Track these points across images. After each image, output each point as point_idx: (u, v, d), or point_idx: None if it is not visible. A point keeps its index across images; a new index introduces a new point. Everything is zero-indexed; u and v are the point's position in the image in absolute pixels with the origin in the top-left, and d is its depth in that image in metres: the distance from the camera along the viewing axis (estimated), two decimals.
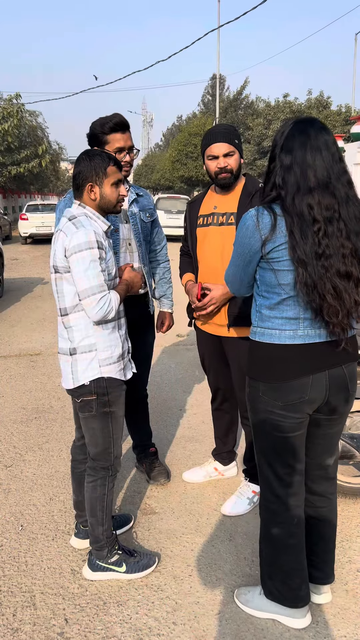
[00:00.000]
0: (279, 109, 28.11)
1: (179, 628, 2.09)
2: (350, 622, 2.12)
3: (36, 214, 19.37)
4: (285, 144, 1.82)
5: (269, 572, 2.09)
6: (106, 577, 2.34)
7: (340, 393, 1.95)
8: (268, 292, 1.90)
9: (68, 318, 2.17)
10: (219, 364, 2.94)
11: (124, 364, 2.29)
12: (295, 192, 1.78)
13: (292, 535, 2.04)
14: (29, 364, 5.51)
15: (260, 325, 1.95)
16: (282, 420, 1.94)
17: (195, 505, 2.93)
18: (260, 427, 2.01)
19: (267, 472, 2.04)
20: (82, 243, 2.04)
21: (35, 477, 3.23)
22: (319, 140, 1.79)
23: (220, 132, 2.59)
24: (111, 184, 2.18)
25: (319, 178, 1.77)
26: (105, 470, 2.31)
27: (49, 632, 2.08)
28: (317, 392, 1.91)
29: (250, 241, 1.85)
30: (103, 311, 2.06)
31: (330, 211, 1.77)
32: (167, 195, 20.66)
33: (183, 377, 5.07)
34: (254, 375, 1.99)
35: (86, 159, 2.15)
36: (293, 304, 1.86)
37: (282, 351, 1.89)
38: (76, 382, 2.20)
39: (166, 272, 3.15)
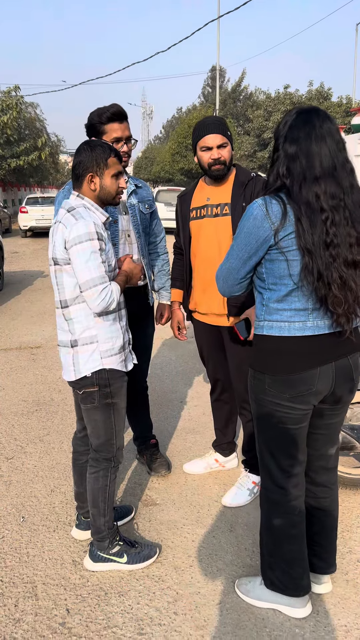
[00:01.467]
0: (279, 101, 27.98)
1: (179, 618, 2.11)
2: (351, 611, 2.13)
3: (36, 206, 19.33)
4: (289, 133, 1.81)
5: (270, 563, 2.10)
6: (107, 567, 2.35)
7: (345, 383, 1.96)
8: (276, 285, 1.87)
9: (69, 310, 2.16)
10: (218, 354, 2.94)
11: (125, 356, 2.29)
12: (301, 180, 1.77)
13: (294, 525, 2.04)
14: (30, 356, 5.51)
15: (267, 319, 1.92)
16: (289, 412, 1.93)
17: (195, 496, 2.94)
18: (265, 420, 2.00)
19: (269, 463, 2.04)
20: (82, 234, 2.03)
21: (37, 469, 3.24)
22: (324, 128, 1.79)
23: (212, 124, 2.58)
24: (111, 175, 2.17)
25: (324, 167, 1.76)
26: (107, 461, 2.31)
27: (50, 622, 2.09)
28: (324, 384, 1.91)
29: (259, 231, 1.81)
30: (105, 302, 2.06)
31: (336, 200, 1.77)
32: (167, 188, 20.58)
33: (184, 369, 5.07)
34: (260, 368, 1.96)
35: (87, 149, 2.13)
36: (301, 295, 1.85)
37: (291, 344, 1.88)
38: (78, 374, 2.20)
39: (165, 265, 3.14)
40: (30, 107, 26.79)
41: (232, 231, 2.61)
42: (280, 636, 2.01)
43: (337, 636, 2.01)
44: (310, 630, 2.04)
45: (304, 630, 2.04)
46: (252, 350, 2.02)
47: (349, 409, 2.80)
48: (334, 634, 2.02)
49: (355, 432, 2.65)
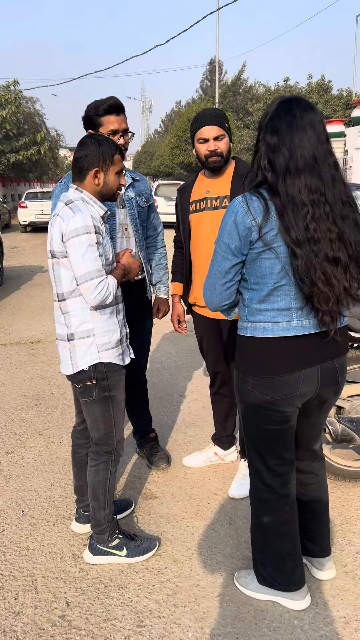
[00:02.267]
0: (279, 94, 27.83)
1: (179, 610, 2.11)
2: (350, 603, 2.13)
3: (35, 202, 19.29)
4: (270, 123, 1.76)
5: (261, 559, 2.10)
6: (107, 561, 2.36)
7: (330, 386, 1.94)
8: (257, 284, 1.83)
9: (65, 303, 2.16)
10: (217, 347, 2.93)
11: (123, 349, 2.29)
12: (284, 174, 1.72)
13: (285, 522, 2.04)
14: (29, 351, 5.51)
15: (250, 320, 1.88)
16: (272, 414, 1.91)
17: (195, 489, 2.94)
18: (250, 420, 1.99)
19: (257, 462, 2.03)
20: (79, 227, 2.02)
21: (36, 463, 3.24)
22: (305, 119, 1.73)
23: (210, 115, 2.57)
24: (115, 172, 2.18)
25: (306, 159, 1.71)
26: (108, 454, 2.32)
27: (50, 615, 2.09)
28: (308, 387, 1.88)
29: (241, 226, 1.77)
30: (101, 296, 2.05)
31: (316, 194, 1.72)
32: (166, 182, 20.52)
33: (183, 363, 5.07)
34: (244, 369, 1.93)
35: (95, 143, 2.12)
36: (283, 294, 1.81)
37: (275, 345, 1.84)
38: (75, 368, 2.19)
39: (162, 258, 3.13)
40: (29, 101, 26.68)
41: None
42: (279, 628, 2.02)
43: (336, 627, 2.02)
44: (309, 621, 2.04)
45: (303, 622, 2.04)
46: (236, 351, 1.99)
47: (347, 402, 2.80)
48: (333, 625, 2.03)
49: (354, 425, 2.64)
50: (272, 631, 2.00)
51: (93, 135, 2.18)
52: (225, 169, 2.69)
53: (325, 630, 2.01)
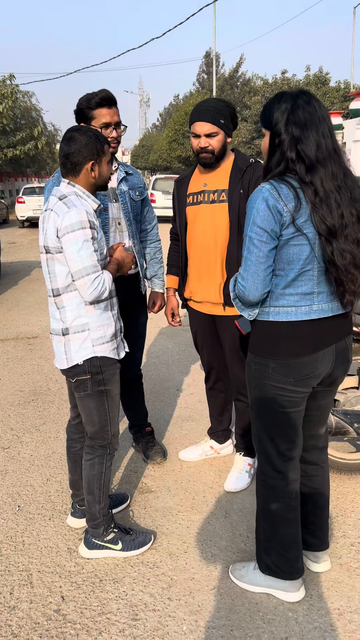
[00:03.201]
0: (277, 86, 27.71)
1: (174, 603, 2.12)
2: (344, 594, 2.14)
3: (33, 197, 19.25)
4: (292, 117, 1.80)
5: (266, 547, 2.11)
6: (102, 555, 2.36)
7: (342, 364, 2.00)
8: (283, 270, 1.86)
9: (60, 298, 2.16)
10: (212, 342, 2.93)
11: (117, 343, 2.29)
12: (314, 163, 1.78)
13: (291, 509, 2.06)
14: (27, 347, 5.51)
15: (274, 305, 1.91)
16: (291, 396, 1.95)
17: (191, 483, 2.94)
18: (266, 405, 2.00)
19: (268, 448, 2.04)
20: (74, 223, 2.01)
21: (33, 458, 3.25)
22: (322, 111, 1.82)
23: (206, 110, 2.52)
24: (107, 162, 2.19)
25: (329, 148, 1.79)
26: (103, 448, 2.32)
27: (45, 610, 2.10)
28: (325, 366, 1.94)
29: (273, 212, 1.79)
30: (97, 291, 2.05)
31: (338, 180, 1.80)
32: (164, 176, 20.44)
33: (180, 357, 5.07)
34: (265, 353, 1.95)
35: (84, 136, 2.11)
36: (307, 278, 1.86)
37: (298, 328, 1.89)
38: (70, 362, 2.19)
39: (157, 252, 3.11)
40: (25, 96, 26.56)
41: (229, 218, 2.58)
42: (274, 620, 2.02)
43: (330, 619, 2.02)
44: (303, 613, 2.05)
45: (297, 614, 2.05)
46: (255, 336, 2.00)
47: (342, 395, 2.80)
48: (327, 617, 2.03)
49: (348, 418, 2.65)
50: (267, 623, 2.01)
51: (78, 128, 2.16)
52: (224, 162, 2.66)
53: (320, 622, 2.01)
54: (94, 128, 2.17)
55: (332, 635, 1.95)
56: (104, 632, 1.99)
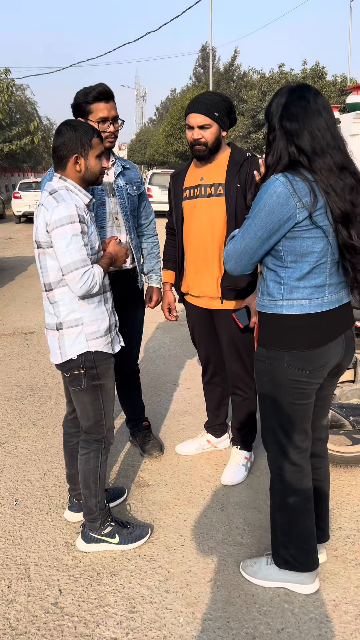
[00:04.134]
0: (273, 80, 27.61)
1: (171, 596, 2.13)
2: (339, 586, 2.16)
3: (29, 192, 19.20)
4: (285, 111, 1.82)
5: (284, 542, 2.10)
6: (99, 548, 2.37)
7: (349, 353, 2.03)
8: (296, 262, 1.86)
9: (53, 293, 2.16)
10: (210, 336, 2.93)
11: (112, 338, 2.29)
12: (313, 154, 1.79)
13: (308, 499, 2.07)
14: (23, 342, 5.51)
15: (287, 298, 1.91)
16: (305, 387, 1.96)
17: (188, 477, 2.96)
18: (281, 398, 1.99)
19: (284, 441, 2.03)
20: (63, 217, 2.01)
21: (30, 453, 3.25)
22: (318, 103, 1.81)
23: (200, 102, 2.52)
24: (96, 155, 2.15)
25: (328, 139, 1.80)
26: (98, 442, 2.33)
27: (43, 603, 2.11)
28: (337, 356, 1.97)
29: (283, 209, 1.78)
30: (87, 286, 2.05)
31: (344, 170, 1.81)
32: (161, 171, 20.41)
33: (177, 352, 5.07)
34: (279, 346, 1.94)
35: (70, 129, 2.10)
36: (321, 271, 1.87)
37: (312, 320, 1.90)
38: (64, 357, 2.20)
39: (154, 247, 3.11)
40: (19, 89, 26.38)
41: (226, 212, 2.59)
42: (270, 611, 2.04)
43: (326, 610, 2.04)
44: (299, 605, 2.07)
45: (293, 605, 2.07)
46: (266, 330, 1.98)
47: (338, 388, 2.81)
48: (323, 608, 2.05)
49: (344, 411, 2.66)
50: (263, 615, 2.03)
51: (69, 121, 2.15)
52: (220, 156, 2.65)
53: (315, 613, 2.03)
54: (85, 121, 2.16)
55: (328, 626, 1.97)
56: (102, 624, 2.01)
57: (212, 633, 1.96)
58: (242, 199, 2.56)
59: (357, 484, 2.84)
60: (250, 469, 2.98)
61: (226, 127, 2.60)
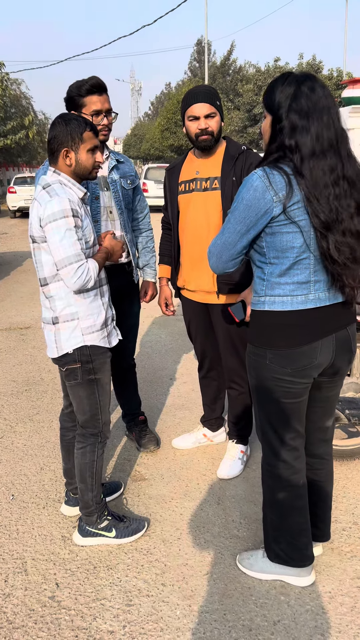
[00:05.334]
0: (269, 74, 27.55)
1: (167, 589, 2.14)
2: (335, 578, 2.17)
3: (24, 186, 19.09)
4: (295, 105, 1.74)
5: (275, 536, 2.10)
6: (96, 542, 2.38)
7: (344, 354, 1.96)
8: (277, 258, 1.83)
9: (48, 288, 2.15)
10: (206, 331, 2.93)
11: (108, 332, 2.29)
12: (310, 156, 1.72)
13: (299, 497, 2.06)
14: (19, 337, 5.49)
15: (269, 294, 1.88)
16: (290, 387, 1.92)
17: (184, 470, 2.96)
18: (266, 395, 1.98)
19: (272, 438, 2.03)
20: (56, 212, 2.00)
21: (26, 447, 3.25)
22: (328, 98, 1.74)
23: (201, 92, 2.51)
24: (87, 149, 2.13)
25: (330, 140, 1.73)
26: (94, 437, 2.33)
27: (40, 597, 2.12)
28: (325, 356, 1.91)
29: (260, 203, 1.74)
30: (81, 280, 2.04)
31: (335, 172, 1.74)
32: (156, 165, 20.34)
33: (173, 347, 5.07)
34: (261, 343, 1.93)
35: (62, 123, 2.09)
36: (303, 267, 1.82)
37: (294, 318, 1.85)
38: (60, 351, 2.20)
39: (149, 241, 3.10)
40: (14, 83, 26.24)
41: (222, 206, 2.58)
42: (266, 604, 2.05)
43: (322, 602, 2.05)
44: (295, 597, 2.08)
45: (289, 597, 2.08)
46: (252, 326, 1.98)
47: None
48: (319, 600, 2.06)
49: (340, 404, 2.67)
50: (259, 607, 2.04)
51: (63, 115, 2.14)
52: (216, 149, 2.64)
53: (311, 605, 2.04)
54: (80, 116, 2.14)
55: (324, 617, 1.98)
56: (98, 617, 2.01)
57: (209, 625, 1.97)
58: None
59: (352, 477, 2.85)
60: (247, 462, 2.99)
61: (223, 118, 2.60)
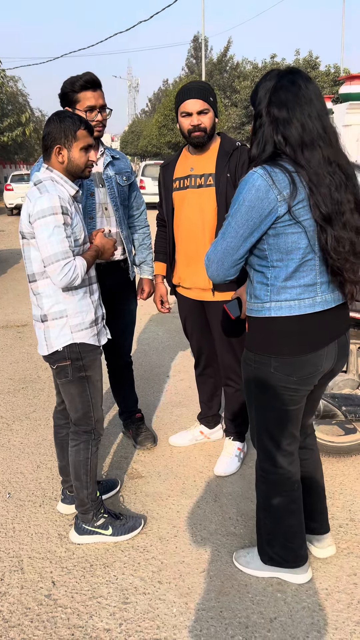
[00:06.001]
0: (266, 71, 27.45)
1: (164, 586, 2.13)
2: (332, 575, 2.17)
3: (21, 184, 19.06)
4: (274, 97, 1.70)
5: (269, 540, 2.09)
6: (93, 540, 2.37)
7: (343, 359, 1.94)
8: (281, 261, 1.75)
9: (37, 284, 2.14)
10: (202, 328, 2.93)
11: (98, 330, 2.28)
12: (302, 146, 1.68)
13: (293, 500, 2.04)
14: (16, 335, 5.48)
15: (274, 300, 1.79)
16: (293, 394, 1.88)
17: (181, 468, 2.96)
18: (267, 403, 1.93)
19: (269, 445, 1.99)
20: (45, 209, 1.99)
21: (23, 445, 3.24)
22: (310, 89, 1.70)
23: (194, 89, 2.50)
24: (80, 148, 2.11)
25: (318, 130, 1.69)
26: (87, 434, 2.32)
27: (36, 595, 2.11)
28: (329, 362, 1.88)
29: (263, 203, 1.67)
30: (68, 278, 2.02)
31: (333, 164, 1.70)
32: (154, 162, 20.32)
33: (170, 344, 5.07)
34: (265, 351, 1.85)
35: (56, 120, 2.08)
36: (309, 269, 1.76)
37: (301, 324, 1.79)
38: (50, 349, 2.19)
39: (146, 238, 3.09)
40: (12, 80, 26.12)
41: (217, 203, 2.57)
42: (263, 601, 2.05)
43: (319, 599, 2.05)
44: (291, 594, 2.08)
45: (286, 594, 2.07)
46: (253, 333, 1.90)
47: None
48: (315, 597, 2.06)
49: (336, 401, 2.66)
50: (256, 604, 2.03)
51: (59, 112, 2.12)
52: (210, 146, 2.63)
53: (308, 602, 2.04)
54: (75, 114, 2.13)
55: (320, 614, 1.98)
56: (95, 615, 2.01)
57: (205, 623, 1.96)
58: (232, 189, 2.54)
59: (349, 474, 2.85)
60: (244, 459, 2.99)
61: (217, 115, 2.59)
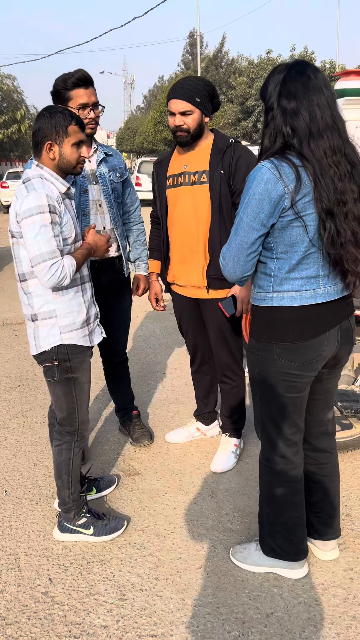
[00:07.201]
0: (261, 67, 27.42)
1: (161, 583, 2.14)
2: (328, 570, 2.17)
3: (17, 181, 19.02)
4: (284, 88, 1.71)
5: (270, 531, 2.10)
6: (74, 538, 2.37)
7: (347, 345, 1.96)
8: (286, 253, 1.78)
9: (27, 284, 2.13)
10: (197, 326, 2.92)
11: (90, 330, 2.26)
12: (308, 137, 1.68)
13: (296, 492, 2.05)
14: (12, 332, 5.47)
15: (277, 290, 1.84)
16: (296, 380, 1.90)
17: (177, 464, 2.96)
18: (271, 391, 1.95)
19: (273, 434, 2.01)
20: (32, 207, 1.97)
21: (19, 443, 3.24)
22: (319, 79, 1.71)
23: (181, 88, 2.47)
24: (72, 144, 2.09)
25: (326, 119, 1.69)
26: (70, 435, 2.31)
27: (33, 592, 2.11)
28: (331, 348, 1.90)
29: (272, 194, 1.70)
30: (55, 278, 2.00)
31: (339, 154, 1.70)
32: (149, 159, 20.28)
33: (166, 341, 5.07)
34: (269, 339, 1.89)
35: (47, 115, 2.05)
36: (312, 261, 1.79)
37: (303, 312, 1.83)
38: (38, 349, 2.18)
39: (140, 235, 3.08)
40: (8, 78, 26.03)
41: (211, 200, 2.56)
42: (259, 596, 2.05)
43: (315, 594, 2.06)
44: (288, 589, 2.08)
45: (282, 590, 2.08)
46: (256, 321, 1.93)
47: None
48: (312, 592, 2.07)
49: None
50: (252, 600, 2.04)
51: (49, 107, 2.10)
52: (204, 143, 2.62)
53: (304, 597, 2.05)
54: (66, 109, 2.11)
55: (317, 609, 1.99)
56: (92, 612, 2.01)
57: (202, 619, 1.97)
58: (226, 187, 2.53)
59: (345, 470, 2.86)
60: (240, 456, 2.99)
61: (209, 113, 2.56)
